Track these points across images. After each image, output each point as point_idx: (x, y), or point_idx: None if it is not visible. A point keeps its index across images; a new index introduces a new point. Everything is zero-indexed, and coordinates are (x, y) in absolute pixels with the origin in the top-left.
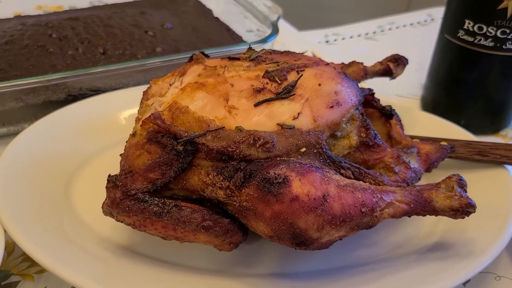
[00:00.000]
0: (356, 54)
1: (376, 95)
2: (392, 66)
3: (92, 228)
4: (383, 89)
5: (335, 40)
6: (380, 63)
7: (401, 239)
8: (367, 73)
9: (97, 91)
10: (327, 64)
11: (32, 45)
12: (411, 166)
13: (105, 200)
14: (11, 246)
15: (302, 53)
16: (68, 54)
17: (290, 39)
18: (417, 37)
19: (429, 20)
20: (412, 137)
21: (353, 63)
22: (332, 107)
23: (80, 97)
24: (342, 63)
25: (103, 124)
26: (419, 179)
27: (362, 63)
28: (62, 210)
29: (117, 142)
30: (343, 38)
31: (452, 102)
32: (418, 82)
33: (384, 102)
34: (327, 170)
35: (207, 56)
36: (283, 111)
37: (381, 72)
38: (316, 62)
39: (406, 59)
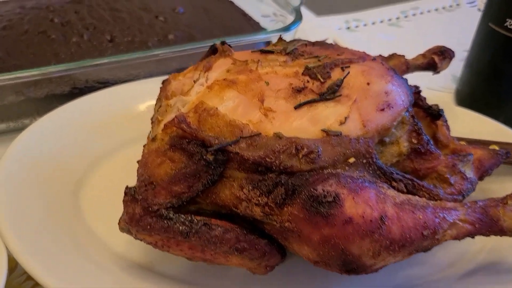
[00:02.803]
0: (380, 41)
1: None
2: (438, 59)
3: (105, 242)
4: (411, 82)
5: (357, 26)
6: (423, 55)
7: (453, 257)
8: (409, 67)
9: (105, 83)
10: (374, 58)
11: (32, 31)
12: (467, 176)
13: (122, 215)
14: (13, 262)
15: (338, 45)
16: (72, 42)
17: (309, 25)
18: (443, 23)
19: (455, 5)
20: (459, 139)
21: (393, 56)
22: (382, 109)
23: (87, 90)
24: (380, 55)
25: (114, 121)
26: (474, 189)
27: (403, 56)
28: (71, 220)
29: (130, 140)
30: (365, 25)
31: (493, 96)
32: (450, 74)
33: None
34: (380, 184)
35: (228, 45)
36: (328, 115)
37: (424, 65)
38: (362, 56)
39: (453, 52)
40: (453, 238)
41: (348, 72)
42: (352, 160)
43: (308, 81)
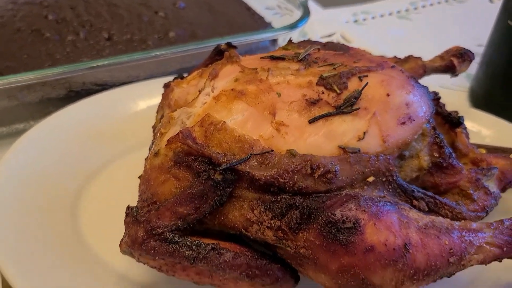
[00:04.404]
0: (390, 36)
1: None
2: (457, 62)
3: (106, 262)
4: (424, 79)
5: (365, 19)
6: (441, 57)
7: (473, 274)
8: (426, 70)
9: (103, 85)
10: (393, 66)
11: (26, 29)
12: (491, 191)
13: (124, 237)
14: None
15: (352, 47)
16: (68, 40)
17: (315, 18)
18: (454, 15)
19: None
20: (478, 146)
21: (410, 58)
22: (403, 123)
23: (84, 93)
24: (395, 57)
25: (113, 127)
26: (497, 204)
27: (420, 58)
28: (69, 239)
29: (131, 148)
30: (373, 17)
31: (510, 99)
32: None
33: None
34: (402, 206)
35: (233, 47)
36: (345, 130)
37: (442, 68)
38: (380, 64)
39: (472, 54)
40: (479, 263)
41: (367, 83)
42: (371, 179)
43: (323, 92)
